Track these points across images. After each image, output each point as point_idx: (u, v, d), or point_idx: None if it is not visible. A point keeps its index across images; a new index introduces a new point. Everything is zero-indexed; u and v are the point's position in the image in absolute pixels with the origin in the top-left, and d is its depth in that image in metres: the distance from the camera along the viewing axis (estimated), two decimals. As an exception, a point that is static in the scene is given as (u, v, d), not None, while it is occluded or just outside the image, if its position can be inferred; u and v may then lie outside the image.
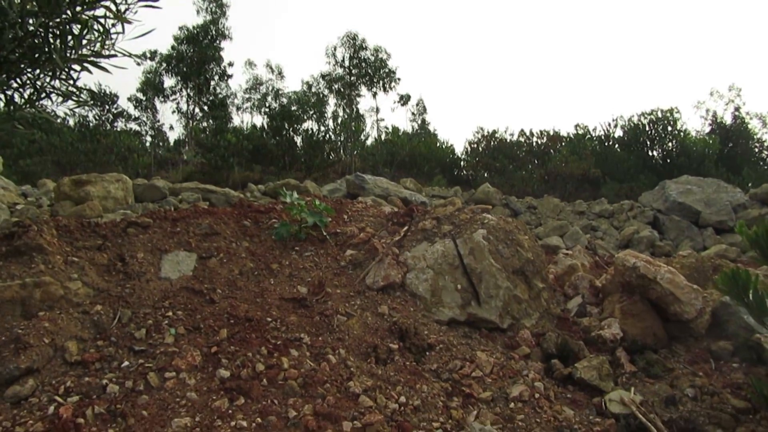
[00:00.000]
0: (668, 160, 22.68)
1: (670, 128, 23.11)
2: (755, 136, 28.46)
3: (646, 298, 4.60)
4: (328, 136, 30.09)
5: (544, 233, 10.65)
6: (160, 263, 4.40)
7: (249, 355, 3.55)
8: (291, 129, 28.76)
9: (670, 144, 23.38)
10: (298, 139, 28.60)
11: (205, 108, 31.69)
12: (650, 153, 23.75)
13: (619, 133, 25.28)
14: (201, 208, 5.07)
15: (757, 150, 28.35)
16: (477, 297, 4.43)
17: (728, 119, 29.14)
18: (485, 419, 3.49)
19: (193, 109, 32.49)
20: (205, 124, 31.92)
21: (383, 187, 8.38)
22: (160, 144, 35.21)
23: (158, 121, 33.71)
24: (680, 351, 4.50)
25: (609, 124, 25.65)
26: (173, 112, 35.44)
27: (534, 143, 25.62)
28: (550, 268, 5.72)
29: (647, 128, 23.49)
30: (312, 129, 28.51)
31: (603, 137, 25.80)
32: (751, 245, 2.98)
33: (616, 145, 25.26)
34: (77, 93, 3.78)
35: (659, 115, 23.43)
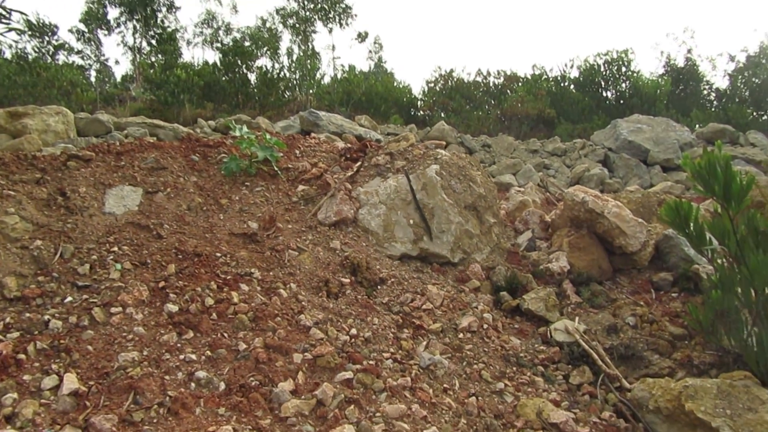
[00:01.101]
0: (621, 101, 22.97)
1: (624, 69, 23.30)
2: (704, 78, 29.03)
3: (594, 232, 4.71)
4: (282, 73, 29.29)
5: (498, 171, 10.75)
6: (104, 198, 4.25)
7: (198, 290, 3.51)
8: (244, 66, 27.86)
9: (623, 85, 23.63)
10: (252, 77, 27.78)
11: (153, 42, 30.28)
12: (604, 94, 23.98)
13: (575, 74, 25.38)
14: (147, 142, 4.89)
15: (705, 92, 28.98)
16: (429, 232, 4.45)
17: (681, 61, 29.54)
18: (435, 349, 3.56)
19: (140, 43, 31.04)
20: (153, 59, 30.59)
21: (338, 124, 8.24)
22: (106, 80, 33.75)
23: (103, 55, 32.14)
24: (624, 282, 4.66)
25: (565, 65, 25.73)
26: (118, 45, 33.79)
27: (491, 83, 25.51)
28: (502, 204, 5.79)
29: (602, 69, 23.64)
30: (266, 66, 27.68)
31: (559, 78, 25.89)
32: (693, 177, 3.04)
33: (572, 86, 25.40)
34: (5, 15, 3.52)
35: (614, 56, 23.55)
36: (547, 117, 20.41)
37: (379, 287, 4.04)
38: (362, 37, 32.27)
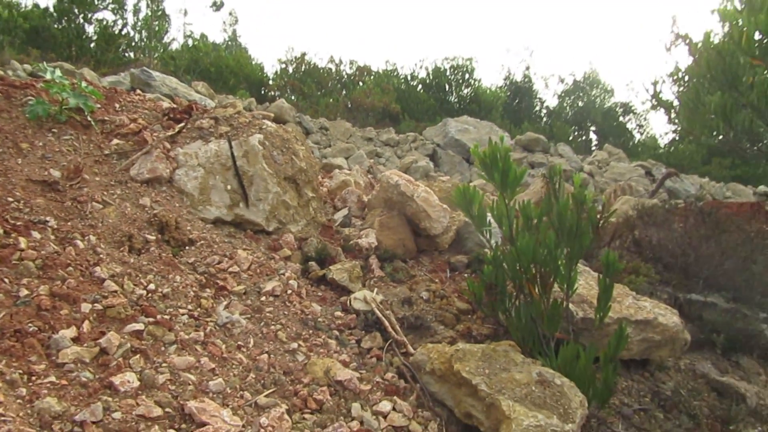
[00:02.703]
0: (462, 105, 24.46)
1: (467, 76, 24.84)
2: (537, 95, 31.82)
3: (404, 214, 5.06)
4: (125, 30, 27.33)
5: (332, 154, 11.05)
6: None
7: (-19, 233, 3.28)
8: (82, 15, 25.61)
9: (465, 91, 25.18)
10: (90, 29, 25.63)
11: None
12: (448, 97, 25.38)
13: (423, 74, 26.56)
14: (-61, 74, 4.42)
15: (537, 108, 31.78)
16: (246, 199, 4.51)
17: (519, 76, 32.06)
18: (235, 309, 3.65)
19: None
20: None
21: (172, 87, 7.96)
22: None
23: None
24: (425, 262, 5.06)
25: (415, 65, 26.84)
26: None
27: (343, 72, 25.89)
28: (325, 182, 5.99)
29: (447, 73, 24.99)
30: (107, 20, 25.66)
31: (408, 77, 26.95)
32: (479, 165, 3.42)
33: (420, 86, 26.57)
34: None
35: (460, 62, 25.01)
36: (392, 112, 21.20)
37: (187, 248, 4.03)
38: (217, 5, 31.06)
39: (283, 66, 26.38)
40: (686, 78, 6.82)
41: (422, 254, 5.14)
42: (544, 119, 31.44)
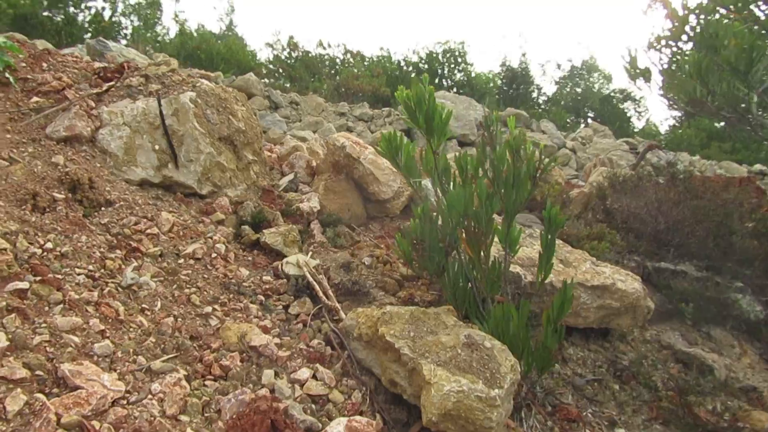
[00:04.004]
0: (455, 90, 24.04)
1: (460, 60, 24.42)
2: (534, 82, 31.35)
3: (351, 178, 4.76)
4: (117, 18, 27.01)
5: (300, 128, 10.72)
6: None
7: None
8: (73, 3, 25.33)
9: (458, 75, 24.76)
10: (81, 16, 25.32)
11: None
12: (441, 81, 24.95)
13: (415, 59, 26.11)
14: None
15: (535, 94, 31.34)
16: (175, 160, 4.22)
17: (515, 63, 31.58)
18: (146, 272, 3.36)
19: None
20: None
21: (129, 58, 7.65)
22: None
23: None
24: (375, 228, 4.77)
25: (408, 50, 26.41)
26: None
27: (335, 57, 25.48)
28: (275, 149, 5.69)
29: (440, 57, 24.57)
30: (98, 7, 25.34)
31: (402, 62, 26.51)
32: (404, 108, 3.12)
33: (413, 71, 26.15)
34: None
35: (452, 46, 24.58)
36: (383, 95, 20.82)
37: (103, 209, 3.73)
38: (208, -8, 30.67)
39: (275, 52, 25.98)
40: (663, 43, 6.47)
41: (372, 221, 4.84)
42: (542, 105, 31.02)
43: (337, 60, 26.17)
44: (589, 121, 30.58)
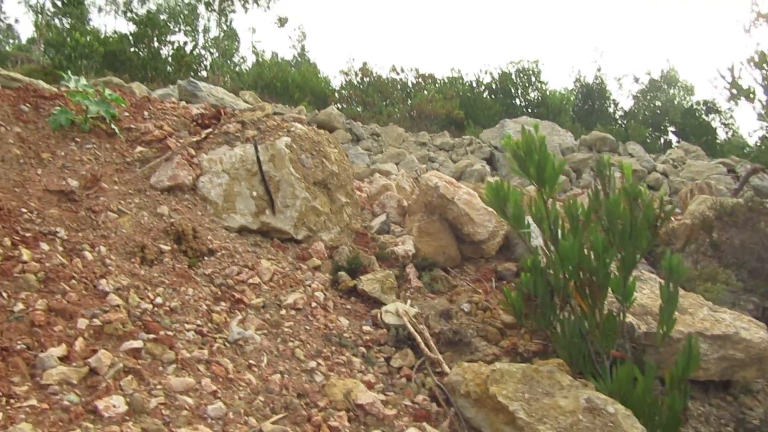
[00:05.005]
0: (529, 110, 23.66)
1: (533, 79, 24.04)
2: (610, 97, 30.42)
3: (445, 219, 4.65)
4: (197, 51, 28.29)
5: (383, 160, 10.71)
6: None
7: (-14, 245, 3.13)
8: (157, 39, 26.71)
9: (532, 94, 24.37)
10: (165, 51, 26.67)
11: (57, 3, 28.36)
12: (514, 101, 24.64)
13: (488, 79, 25.92)
14: (-31, 88, 4.40)
15: (611, 110, 30.38)
16: (272, 206, 4.24)
17: (590, 78, 30.79)
18: (250, 324, 3.35)
19: (44, 4, 29.04)
20: (57, 21, 28.67)
21: (218, 97, 7.88)
22: (11, 41, 31.51)
23: (3, 12, 29.90)
24: (470, 270, 4.63)
25: (480, 70, 26.28)
26: (19, 2, 31.68)
27: (407, 81, 25.62)
28: (364, 187, 5.66)
29: (513, 77, 24.28)
30: (180, 42, 26.66)
31: (474, 83, 26.38)
32: (512, 157, 2.99)
33: (486, 92, 25.94)
34: None
35: (525, 65, 24.25)
36: (456, 118, 20.71)
37: (206, 258, 3.78)
38: (282, 22, 31.66)
39: (347, 77, 26.39)
40: (769, 60, 6.08)
41: (467, 262, 4.71)
42: (618, 121, 30.01)
43: (409, 83, 26.35)
44: (670, 135, 29.36)
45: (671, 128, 29.33)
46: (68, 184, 3.84)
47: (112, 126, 4.37)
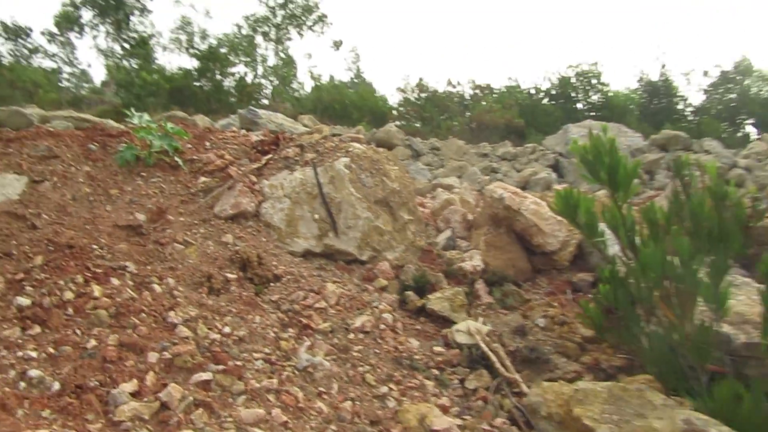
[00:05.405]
0: (592, 113, 22.98)
1: (594, 81, 23.36)
2: (678, 93, 29.15)
3: (512, 231, 4.48)
4: (257, 80, 29.14)
5: (444, 174, 10.52)
6: (-19, 187, 3.94)
7: (60, 283, 3.20)
8: (218, 71, 27.69)
9: (594, 97, 23.68)
10: (227, 82, 27.62)
11: (125, 46, 29.86)
12: (576, 105, 24.01)
13: (547, 85, 25.39)
14: (44, 130, 4.60)
15: (680, 107, 29.11)
16: (335, 228, 4.19)
17: (655, 76, 29.67)
18: (318, 350, 3.28)
19: (113, 48, 30.59)
20: (125, 63, 30.16)
21: (278, 123, 7.98)
22: (84, 84, 33.35)
23: (76, 58, 31.71)
24: (543, 283, 4.42)
25: (538, 77, 25.80)
26: (90, 48, 33.58)
27: (464, 93, 25.46)
28: (426, 202, 5.55)
29: (573, 81, 23.68)
30: (241, 73, 27.57)
31: (532, 90, 25.90)
32: (581, 161, 2.82)
33: (546, 98, 25.39)
34: None
35: (585, 68, 23.61)
36: (516, 127, 20.33)
37: (272, 284, 3.75)
38: (337, 45, 32.12)
39: (404, 95, 26.47)
40: None
41: (539, 274, 4.50)
42: (689, 117, 28.70)
43: (467, 96, 26.17)
44: (748, 128, 27.81)
45: (749, 121, 27.83)
46: (136, 219, 3.92)
47: (176, 158, 4.44)
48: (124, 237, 3.77)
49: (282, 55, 32.21)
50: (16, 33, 30.09)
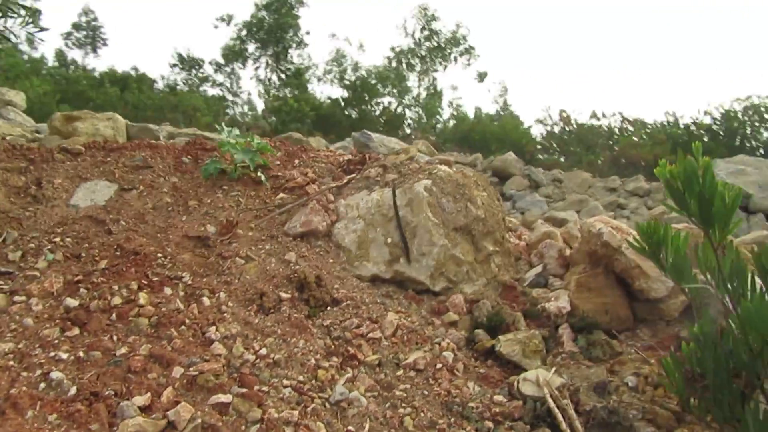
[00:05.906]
0: (759, 152, 20.53)
1: (767, 116, 20.89)
2: None
3: (611, 271, 3.90)
4: (403, 110, 29.80)
5: (563, 207, 9.68)
6: (75, 191, 4.16)
7: (115, 287, 3.23)
8: (368, 102, 28.72)
9: (766, 134, 21.15)
10: (375, 111, 28.51)
11: (282, 77, 31.95)
12: (741, 143, 21.60)
13: (708, 120, 23.09)
14: (144, 142, 4.82)
15: None
16: (407, 253, 3.90)
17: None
18: (360, 384, 3.00)
19: (270, 78, 32.85)
20: (281, 92, 32.22)
21: (390, 147, 7.85)
22: (250, 111, 36.06)
23: (240, 87, 34.45)
24: (645, 335, 3.79)
25: (698, 111, 23.61)
26: (251, 78, 36.29)
27: (611, 127, 23.94)
28: (524, 235, 5.06)
29: (740, 116, 21.35)
30: (388, 103, 28.36)
31: (691, 125, 23.71)
32: (667, 189, 2.30)
33: (706, 134, 23.13)
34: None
35: (755, 101, 21.21)
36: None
37: (329, 308, 3.54)
38: (482, 77, 31.93)
39: (547, 127, 25.51)
40: None
41: (642, 325, 3.87)
42: None
43: (615, 129, 24.63)
44: None
45: None
46: (206, 230, 3.91)
47: (259, 174, 4.42)
48: (191, 248, 3.76)
49: (428, 86, 32.65)
50: (191, 64, 33.47)
